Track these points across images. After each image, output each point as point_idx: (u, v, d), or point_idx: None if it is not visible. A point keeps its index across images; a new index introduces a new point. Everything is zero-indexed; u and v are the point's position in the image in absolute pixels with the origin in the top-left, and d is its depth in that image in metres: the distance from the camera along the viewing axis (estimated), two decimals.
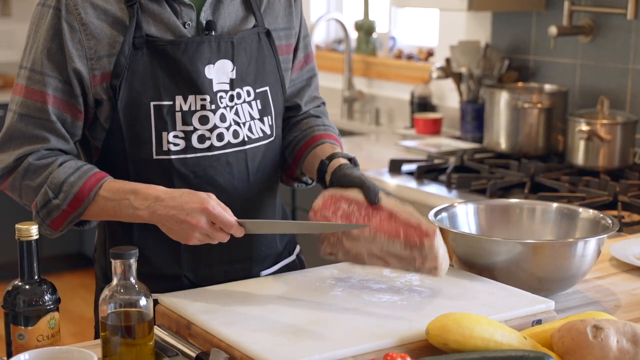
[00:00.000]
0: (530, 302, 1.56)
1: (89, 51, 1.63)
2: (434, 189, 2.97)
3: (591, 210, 1.86)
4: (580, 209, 1.88)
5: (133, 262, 1.38)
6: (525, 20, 3.58)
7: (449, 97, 3.99)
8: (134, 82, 1.65)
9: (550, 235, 1.89)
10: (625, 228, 2.46)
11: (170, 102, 1.66)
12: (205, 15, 1.70)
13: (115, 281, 1.38)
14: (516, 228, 1.91)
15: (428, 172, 3.15)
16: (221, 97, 1.70)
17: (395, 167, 3.20)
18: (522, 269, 1.68)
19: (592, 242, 1.70)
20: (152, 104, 1.66)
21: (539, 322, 1.51)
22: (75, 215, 1.64)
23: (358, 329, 1.42)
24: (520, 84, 3.52)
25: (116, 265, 1.37)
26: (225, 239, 1.57)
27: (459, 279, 1.66)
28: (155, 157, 1.67)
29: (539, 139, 3.27)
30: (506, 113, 3.28)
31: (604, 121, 3.03)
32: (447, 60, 3.73)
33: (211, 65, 1.68)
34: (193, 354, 1.41)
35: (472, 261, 1.72)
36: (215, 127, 1.69)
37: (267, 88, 1.77)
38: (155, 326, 1.47)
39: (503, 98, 3.28)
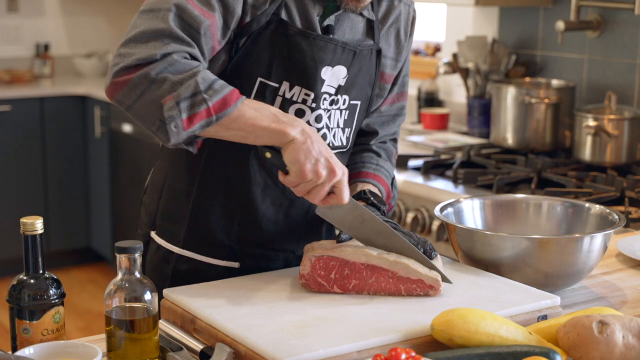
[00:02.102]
0: (536, 297, 1.55)
1: None
2: (441, 185, 2.97)
3: (598, 206, 1.86)
4: (587, 205, 1.88)
5: (138, 256, 1.38)
6: (532, 15, 3.57)
7: (456, 93, 3.99)
8: (251, 52, 1.65)
9: (556, 231, 1.88)
10: (632, 224, 2.45)
11: (277, 85, 1.67)
12: (328, 20, 1.71)
13: (120, 275, 1.38)
14: (522, 223, 1.90)
15: (435, 167, 3.14)
16: (324, 99, 1.71)
17: (402, 162, 3.20)
18: (528, 264, 1.68)
19: (599, 238, 1.70)
20: (259, 79, 1.66)
21: (544, 317, 1.51)
22: (213, 119, 1.53)
23: (363, 324, 1.41)
24: (527, 79, 3.51)
25: (121, 259, 1.37)
26: (315, 201, 1.56)
27: (465, 275, 1.66)
28: None
29: (546, 135, 3.26)
30: (513, 108, 3.27)
31: (611, 116, 3.02)
32: (454, 56, 3.72)
33: (329, 67, 1.69)
34: (198, 349, 1.41)
35: (478, 256, 1.72)
36: (307, 123, 1.69)
37: (359, 102, 1.79)
38: (160, 321, 1.47)
39: (510, 93, 3.28)
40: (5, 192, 5.05)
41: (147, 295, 1.37)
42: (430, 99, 3.99)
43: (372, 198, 1.74)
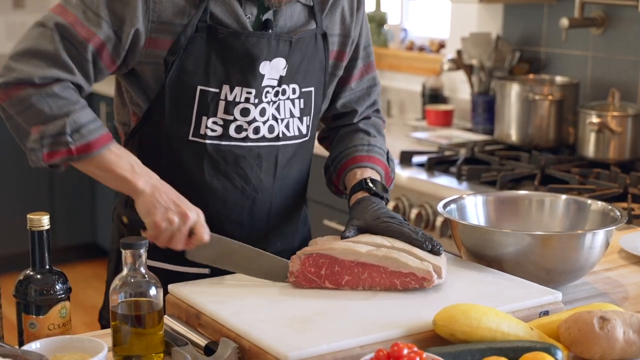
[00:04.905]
0: (537, 293, 1.56)
1: (152, 14, 1.61)
2: (445, 181, 2.97)
3: (600, 202, 1.86)
4: (589, 201, 1.88)
5: (143, 252, 1.39)
6: (536, 12, 3.58)
7: (460, 89, 3.99)
8: (186, 64, 1.66)
9: (558, 227, 1.89)
10: (635, 220, 2.45)
11: (217, 90, 1.68)
12: (266, 15, 1.70)
13: (125, 271, 1.39)
14: (525, 220, 1.91)
15: (438, 163, 3.15)
16: (267, 92, 1.71)
17: (406, 158, 3.21)
18: (530, 260, 1.68)
19: (601, 234, 1.70)
20: (199, 87, 1.67)
21: (546, 313, 1.52)
22: (74, 157, 1.60)
23: (365, 320, 1.43)
24: (531, 76, 3.51)
25: (126, 255, 1.39)
26: (178, 247, 1.60)
27: (467, 270, 1.67)
28: (190, 138, 1.70)
29: (550, 131, 3.26)
30: (517, 105, 3.28)
31: (615, 113, 3.03)
32: (459, 52, 3.73)
33: (267, 62, 1.69)
34: (202, 344, 1.42)
35: (480, 253, 1.73)
36: (254, 120, 1.71)
37: (312, 89, 1.78)
38: (165, 316, 1.48)
39: (514, 90, 3.28)
40: (11, 188, 5.07)
41: (152, 291, 1.39)
42: (434, 96, 4.00)
43: (374, 188, 1.74)
